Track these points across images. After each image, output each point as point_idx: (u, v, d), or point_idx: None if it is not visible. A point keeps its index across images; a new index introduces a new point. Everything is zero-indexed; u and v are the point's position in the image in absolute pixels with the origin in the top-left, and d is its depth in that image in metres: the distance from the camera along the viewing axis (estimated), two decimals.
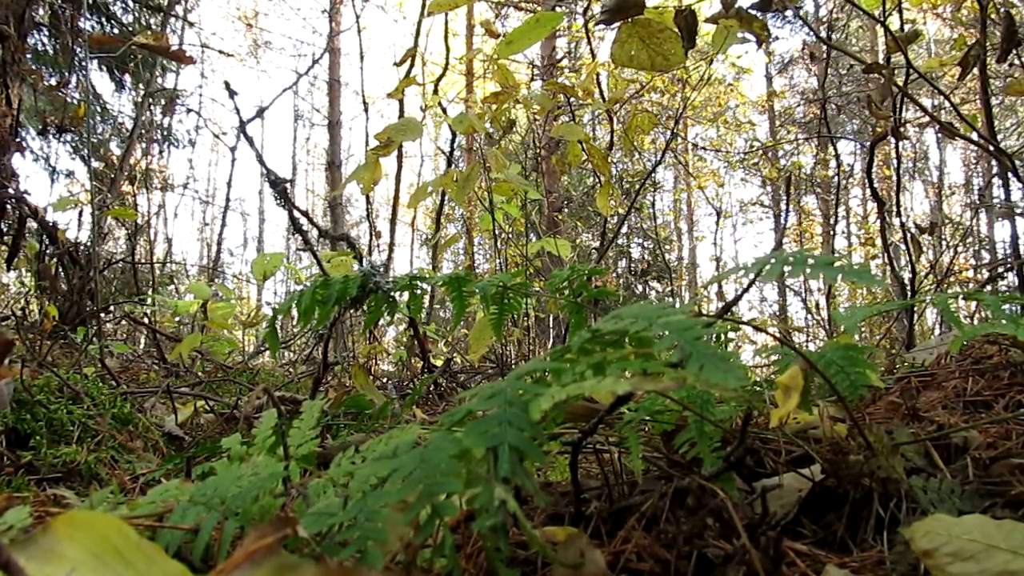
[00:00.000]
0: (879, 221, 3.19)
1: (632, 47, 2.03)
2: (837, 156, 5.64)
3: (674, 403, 0.96)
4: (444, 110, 4.85)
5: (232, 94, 3.29)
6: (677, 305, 0.78)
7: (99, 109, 7.96)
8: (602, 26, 2.19)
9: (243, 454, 1.10)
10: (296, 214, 3.81)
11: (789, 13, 2.41)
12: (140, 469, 1.67)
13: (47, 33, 6.79)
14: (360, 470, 0.74)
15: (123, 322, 5.73)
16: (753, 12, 2.16)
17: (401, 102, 4.69)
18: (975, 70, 2.49)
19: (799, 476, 0.90)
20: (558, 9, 11.06)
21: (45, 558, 0.55)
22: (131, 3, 7.57)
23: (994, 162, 2.97)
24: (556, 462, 1.38)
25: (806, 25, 2.98)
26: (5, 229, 4.11)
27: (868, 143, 2.88)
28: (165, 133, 9.16)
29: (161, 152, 9.47)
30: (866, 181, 3.08)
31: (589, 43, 4.42)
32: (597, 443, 1.06)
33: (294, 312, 1.35)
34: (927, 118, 2.56)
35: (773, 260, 0.78)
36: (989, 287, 3.76)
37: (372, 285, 1.32)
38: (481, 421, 0.60)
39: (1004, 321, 0.94)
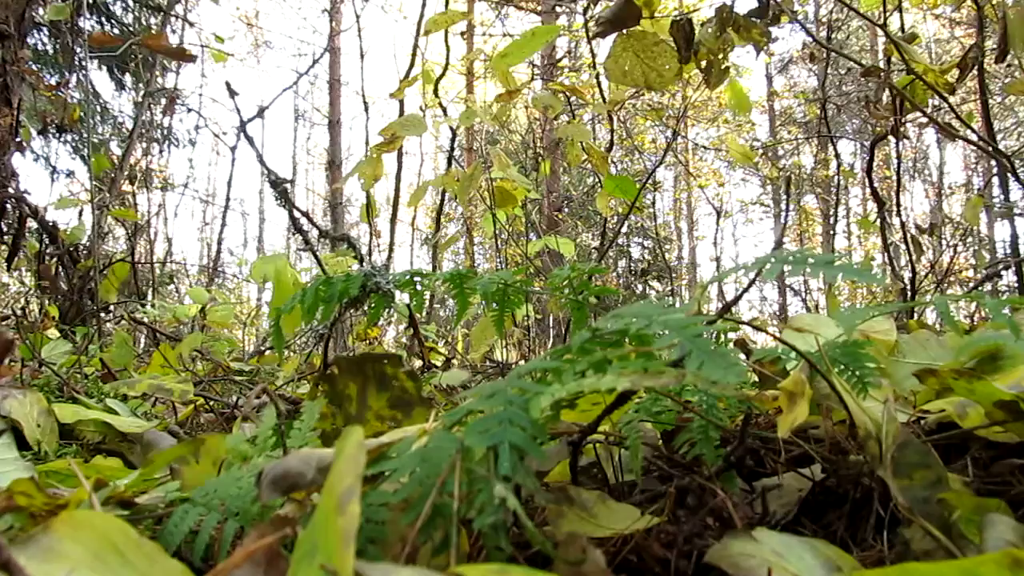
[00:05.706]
0: (879, 221, 3.20)
1: (626, 62, 2.00)
2: (837, 156, 5.64)
3: (675, 403, 0.96)
4: (444, 110, 4.84)
5: (232, 94, 3.29)
6: (677, 304, 0.78)
7: (99, 109, 7.96)
8: (598, 39, 2.16)
9: (243, 454, 1.10)
10: (296, 214, 3.81)
11: (789, 13, 2.40)
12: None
13: (47, 33, 6.79)
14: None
15: (123, 322, 5.72)
16: (751, 20, 2.15)
17: (401, 102, 4.69)
18: (973, 70, 2.49)
19: (799, 476, 0.90)
20: (557, 9, 11.05)
21: (45, 558, 0.55)
22: (131, 3, 7.57)
23: (993, 162, 2.97)
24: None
25: (804, 29, 2.98)
26: (5, 229, 4.11)
27: (868, 143, 2.88)
28: (165, 133, 9.16)
29: (161, 152, 9.48)
30: (866, 181, 3.08)
31: (589, 43, 4.41)
32: (597, 442, 1.06)
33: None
34: (927, 118, 2.56)
35: (773, 259, 0.78)
36: (988, 286, 3.75)
37: (372, 285, 1.32)
38: (481, 420, 0.60)
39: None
